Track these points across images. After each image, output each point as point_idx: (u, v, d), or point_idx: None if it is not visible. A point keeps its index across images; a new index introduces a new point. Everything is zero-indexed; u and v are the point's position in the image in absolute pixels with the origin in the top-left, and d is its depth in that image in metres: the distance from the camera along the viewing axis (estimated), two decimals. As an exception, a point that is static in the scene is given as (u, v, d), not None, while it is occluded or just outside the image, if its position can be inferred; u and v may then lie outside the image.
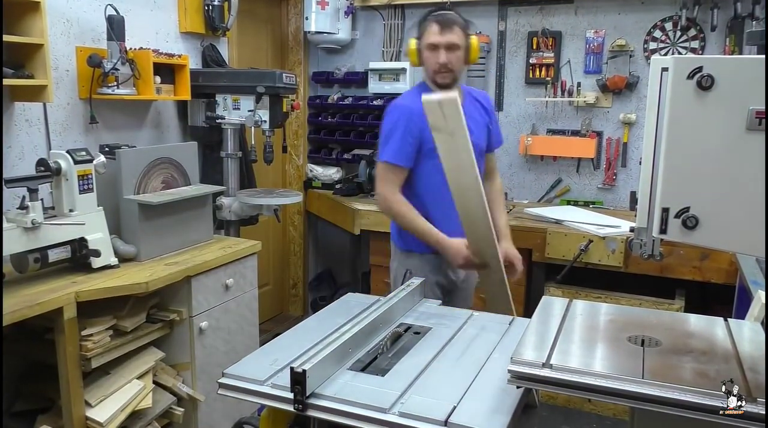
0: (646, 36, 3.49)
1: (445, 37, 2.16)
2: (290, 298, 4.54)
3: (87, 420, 2.04)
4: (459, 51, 2.19)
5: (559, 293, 3.10)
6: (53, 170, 2.09)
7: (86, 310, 2.05)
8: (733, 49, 3.26)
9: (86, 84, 2.64)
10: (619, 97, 3.57)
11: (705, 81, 1.06)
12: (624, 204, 3.62)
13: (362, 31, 4.19)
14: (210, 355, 2.49)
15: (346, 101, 4.13)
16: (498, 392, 1.33)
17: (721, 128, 1.06)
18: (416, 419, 1.23)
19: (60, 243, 2.09)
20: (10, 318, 1.78)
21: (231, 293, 2.59)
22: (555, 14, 3.68)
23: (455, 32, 2.17)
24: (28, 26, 2.24)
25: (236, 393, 1.37)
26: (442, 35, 2.16)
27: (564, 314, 1.51)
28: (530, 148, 3.74)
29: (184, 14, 3.18)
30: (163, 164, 2.50)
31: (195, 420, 2.47)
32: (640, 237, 1.30)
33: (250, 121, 3.02)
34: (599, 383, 1.16)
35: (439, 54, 2.17)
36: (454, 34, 2.17)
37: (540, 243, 3.12)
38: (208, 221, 2.72)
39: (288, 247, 4.45)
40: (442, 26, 2.16)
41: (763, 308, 1.81)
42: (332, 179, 4.18)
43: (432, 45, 2.18)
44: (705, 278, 2.87)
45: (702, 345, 1.32)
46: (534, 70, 3.74)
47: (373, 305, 1.80)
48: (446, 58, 2.17)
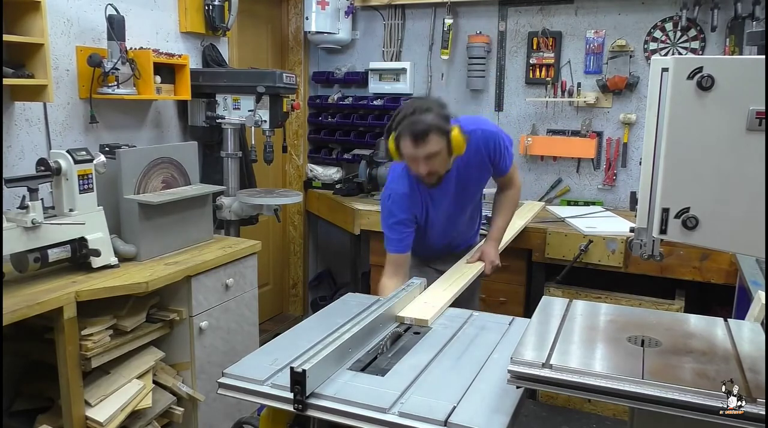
0: (646, 36, 3.49)
1: (420, 150, 2.03)
2: (290, 298, 4.54)
3: (87, 419, 2.04)
4: (439, 156, 2.07)
5: (559, 293, 3.10)
6: (53, 170, 2.09)
7: (86, 310, 2.05)
8: (733, 49, 3.26)
9: (86, 84, 2.64)
10: (619, 98, 3.57)
11: (705, 81, 1.06)
12: (624, 204, 3.62)
13: (362, 31, 4.19)
14: (210, 355, 2.49)
15: (347, 101, 4.13)
16: (498, 392, 1.33)
17: (721, 128, 1.06)
18: (416, 419, 1.23)
19: (60, 242, 2.09)
20: (10, 317, 1.78)
21: (231, 293, 2.59)
22: (555, 14, 3.68)
23: (431, 141, 2.02)
24: (29, 26, 2.24)
25: (236, 392, 1.38)
26: (417, 148, 2.04)
27: (564, 314, 1.51)
28: (530, 148, 3.74)
29: (184, 14, 3.18)
30: (163, 164, 2.50)
31: (195, 419, 2.47)
32: (640, 237, 1.30)
33: (251, 120, 3.02)
34: (599, 383, 1.16)
35: (418, 165, 2.09)
36: (429, 144, 2.02)
37: (540, 243, 3.12)
38: (208, 221, 2.72)
39: (288, 247, 4.45)
40: (415, 139, 2.02)
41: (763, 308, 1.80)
42: (332, 179, 4.18)
43: (409, 157, 2.09)
44: (705, 278, 2.87)
45: (702, 345, 1.32)
46: (534, 70, 3.74)
47: (373, 305, 1.80)
48: (426, 166, 2.08)
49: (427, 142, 2.02)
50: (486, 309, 2.71)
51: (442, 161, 2.11)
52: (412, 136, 2.02)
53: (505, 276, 3.23)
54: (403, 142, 2.05)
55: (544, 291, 3.16)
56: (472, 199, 2.42)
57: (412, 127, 2.02)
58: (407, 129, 2.03)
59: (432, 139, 2.02)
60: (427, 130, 2.01)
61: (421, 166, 2.08)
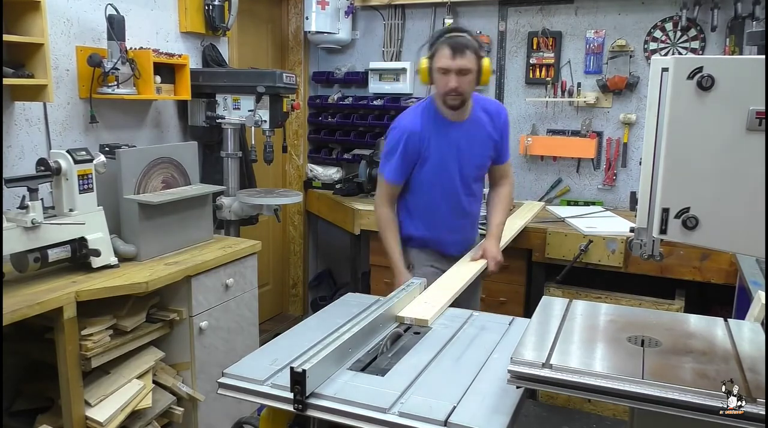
0: (646, 36, 3.49)
1: (457, 61, 2.17)
2: (290, 298, 4.54)
3: (87, 419, 2.04)
4: (470, 75, 2.21)
5: (559, 293, 3.10)
6: (53, 170, 2.09)
7: (86, 310, 2.05)
8: (733, 49, 3.26)
9: (86, 83, 2.64)
10: (619, 98, 3.57)
11: (705, 81, 1.06)
12: (624, 204, 3.61)
13: (362, 31, 4.19)
14: (210, 355, 2.49)
15: (347, 101, 4.13)
16: (498, 392, 1.33)
17: (721, 128, 1.06)
18: (416, 419, 1.23)
19: (60, 242, 2.09)
20: (10, 317, 1.78)
21: (231, 293, 2.59)
22: (555, 14, 3.68)
23: (467, 57, 2.18)
24: (29, 26, 2.24)
25: (236, 392, 1.38)
26: (453, 60, 2.17)
27: (564, 314, 1.51)
28: (530, 148, 3.74)
29: (184, 14, 3.18)
30: (163, 164, 2.50)
31: (195, 419, 2.47)
32: (640, 237, 1.30)
33: (251, 120, 3.02)
34: (599, 383, 1.16)
35: (450, 78, 2.19)
36: (465, 58, 2.18)
37: (540, 243, 3.12)
38: (208, 221, 2.72)
39: (288, 247, 4.45)
40: (454, 51, 2.17)
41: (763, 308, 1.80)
42: (332, 179, 4.18)
43: (443, 69, 2.20)
44: (705, 278, 2.87)
45: (702, 345, 1.32)
46: (534, 70, 3.74)
47: (373, 305, 1.80)
48: (457, 82, 2.19)
49: (464, 55, 2.17)
50: (486, 309, 2.71)
51: (471, 82, 2.22)
52: (452, 47, 2.17)
53: (505, 276, 3.23)
54: (441, 52, 2.19)
55: (544, 291, 3.16)
56: (475, 169, 2.44)
57: (453, 40, 2.18)
58: (447, 41, 2.19)
59: (468, 55, 2.18)
60: (466, 45, 2.18)
61: (452, 79, 2.19)
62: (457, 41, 2.18)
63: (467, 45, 2.18)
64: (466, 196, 2.46)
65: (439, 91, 2.28)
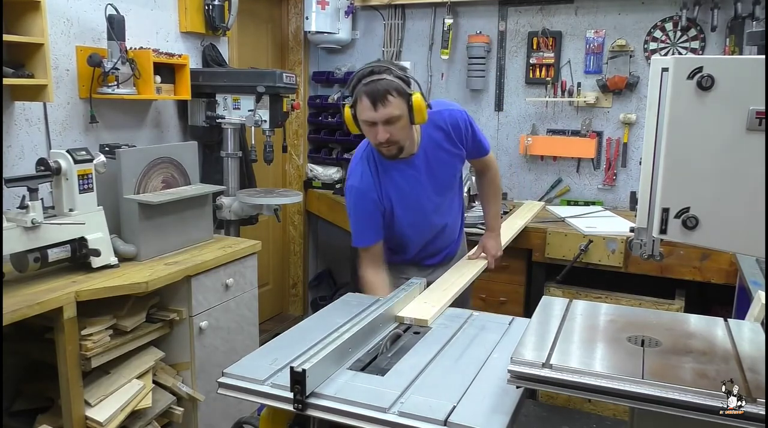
0: (646, 36, 3.49)
1: (380, 112, 1.88)
2: (290, 298, 4.54)
3: (87, 419, 2.04)
4: (400, 120, 1.91)
5: (559, 293, 3.10)
6: (53, 170, 2.09)
7: (86, 310, 2.05)
8: (733, 49, 3.26)
9: (86, 83, 2.64)
10: (619, 97, 3.57)
11: (705, 81, 1.06)
12: (624, 204, 3.62)
13: (362, 31, 4.19)
14: (210, 355, 2.49)
15: (346, 101, 4.12)
16: (498, 392, 1.33)
17: (721, 128, 1.06)
18: (416, 419, 1.22)
19: (60, 242, 2.09)
20: (9, 317, 1.78)
21: (231, 293, 2.59)
22: (555, 14, 3.68)
23: (390, 104, 1.87)
24: (28, 25, 2.24)
25: (236, 392, 1.37)
26: (376, 111, 1.88)
27: (564, 314, 1.51)
28: (530, 148, 3.74)
29: (184, 14, 3.18)
30: (163, 164, 2.50)
31: (195, 419, 2.47)
32: (640, 237, 1.30)
33: (251, 120, 3.02)
34: (599, 383, 1.16)
35: (377, 130, 1.92)
36: (389, 106, 1.87)
37: (540, 243, 3.12)
38: (208, 221, 2.72)
39: (288, 247, 4.45)
40: (374, 101, 1.87)
41: (763, 308, 1.80)
42: (332, 179, 4.18)
43: (368, 122, 1.92)
44: (705, 278, 2.87)
45: (702, 345, 1.32)
46: (534, 70, 3.74)
47: (373, 305, 1.80)
48: (385, 133, 1.91)
49: (386, 103, 1.87)
50: (486, 309, 2.71)
51: (403, 128, 1.94)
52: (370, 98, 1.87)
53: (505, 276, 3.23)
54: (360, 105, 1.90)
55: (544, 291, 3.16)
56: (445, 190, 2.22)
57: (371, 87, 1.87)
58: (364, 90, 1.88)
59: (391, 101, 1.87)
60: (386, 90, 1.86)
61: (380, 132, 1.91)
62: (375, 88, 1.86)
63: (388, 90, 1.86)
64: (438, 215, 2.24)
65: (372, 143, 2.03)
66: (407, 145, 2.03)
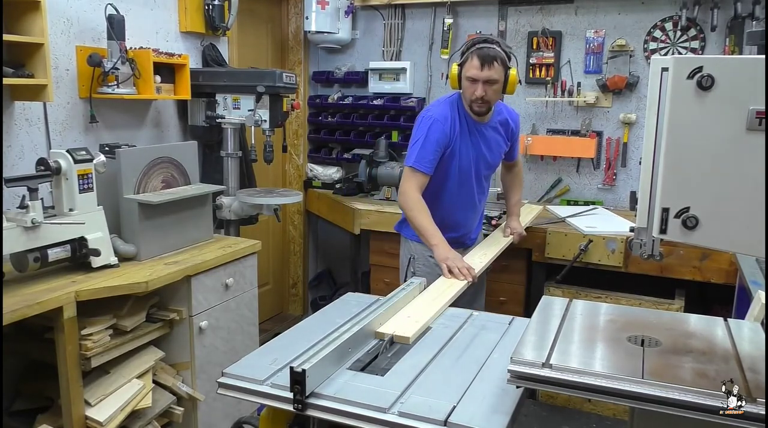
0: (646, 36, 3.48)
1: (485, 72, 2.28)
2: (290, 298, 4.54)
3: (86, 419, 2.04)
4: (497, 85, 2.33)
5: (559, 293, 3.10)
6: (53, 169, 2.09)
7: (86, 310, 2.05)
8: (733, 49, 3.26)
9: (86, 83, 2.64)
10: (619, 97, 3.57)
11: (705, 81, 1.06)
12: (624, 204, 3.61)
13: (362, 30, 4.18)
14: (210, 355, 2.49)
15: (346, 101, 4.13)
16: (498, 392, 1.33)
17: (721, 128, 1.06)
18: (416, 419, 1.23)
19: (60, 242, 2.09)
20: (9, 317, 1.78)
21: (231, 292, 2.59)
22: (555, 14, 3.67)
23: (495, 68, 2.29)
24: (29, 25, 2.24)
25: (236, 392, 1.38)
26: (481, 70, 2.28)
27: (564, 314, 1.51)
28: (530, 147, 3.74)
29: (184, 14, 3.18)
30: (163, 163, 2.50)
31: (194, 419, 2.47)
32: (640, 237, 1.30)
33: (250, 120, 3.02)
34: (599, 383, 1.16)
35: (477, 87, 2.31)
36: (493, 70, 2.28)
37: (540, 243, 3.12)
38: (208, 220, 2.72)
39: (288, 247, 4.45)
40: (482, 62, 2.28)
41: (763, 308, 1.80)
42: (332, 179, 4.18)
43: (471, 78, 2.31)
44: (705, 278, 2.87)
45: (702, 345, 1.32)
46: (534, 70, 3.74)
47: (373, 305, 1.80)
48: (483, 91, 2.31)
49: (491, 67, 2.28)
50: (486, 308, 2.71)
51: (497, 91, 2.35)
52: (481, 59, 2.28)
53: (505, 276, 3.23)
54: (470, 62, 2.30)
55: (544, 291, 3.16)
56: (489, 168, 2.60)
57: (483, 50, 2.28)
58: (477, 51, 2.29)
59: (496, 67, 2.29)
60: (495, 56, 2.28)
61: (480, 88, 2.30)
62: (486, 52, 2.27)
63: (496, 56, 2.28)
64: (479, 193, 2.61)
65: (466, 98, 2.40)
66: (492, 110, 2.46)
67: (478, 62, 2.28)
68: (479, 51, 2.29)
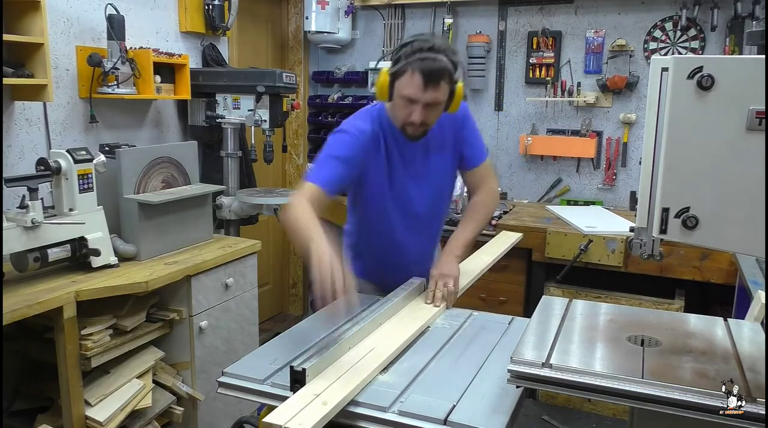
0: (646, 36, 3.49)
1: (428, 94, 1.71)
2: (290, 298, 4.54)
3: (87, 419, 2.04)
4: (439, 107, 1.77)
5: (559, 293, 3.10)
6: (53, 169, 2.09)
7: (86, 309, 2.05)
8: (733, 49, 3.26)
9: (86, 83, 2.64)
10: (619, 97, 3.57)
11: (705, 81, 1.06)
12: (624, 204, 3.62)
13: (362, 30, 4.19)
14: (210, 354, 2.49)
15: (346, 101, 4.13)
16: (497, 391, 1.33)
17: (721, 128, 1.06)
18: (416, 418, 1.23)
19: (60, 242, 2.09)
20: (9, 317, 1.78)
21: (231, 292, 2.59)
22: (555, 14, 3.68)
23: (440, 88, 1.72)
24: (28, 25, 2.24)
25: (236, 392, 1.38)
26: (424, 91, 1.71)
27: (564, 314, 1.51)
28: (530, 147, 3.74)
29: (184, 13, 3.18)
30: (163, 163, 2.50)
31: (195, 419, 2.47)
32: (640, 237, 1.30)
33: (250, 120, 3.02)
34: (599, 383, 1.16)
35: (414, 109, 1.74)
36: (438, 91, 1.72)
37: (540, 243, 3.12)
38: (208, 220, 2.72)
39: (288, 247, 4.45)
40: (426, 80, 1.69)
41: (763, 308, 1.81)
42: (332, 179, 4.17)
43: (409, 98, 1.74)
44: (705, 278, 2.87)
45: (702, 345, 1.32)
46: (534, 70, 3.74)
47: (373, 305, 1.80)
48: (422, 116, 1.75)
49: (437, 87, 1.71)
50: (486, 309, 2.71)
51: (437, 114, 1.80)
52: (425, 77, 1.69)
53: (505, 276, 3.23)
54: (411, 79, 1.70)
55: (544, 291, 3.16)
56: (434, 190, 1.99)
57: (426, 64, 1.68)
58: (420, 66, 1.69)
59: (442, 86, 1.72)
60: (441, 73, 1.70)
61: (418, 112, 1.74)
62: (431, 68, 1.69)
63: (442, 73, 1.70)
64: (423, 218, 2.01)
65: (397, 119, 1.82)
66: None
67: (421, 80, 1.69)
68: (422, 64, 1.68)
